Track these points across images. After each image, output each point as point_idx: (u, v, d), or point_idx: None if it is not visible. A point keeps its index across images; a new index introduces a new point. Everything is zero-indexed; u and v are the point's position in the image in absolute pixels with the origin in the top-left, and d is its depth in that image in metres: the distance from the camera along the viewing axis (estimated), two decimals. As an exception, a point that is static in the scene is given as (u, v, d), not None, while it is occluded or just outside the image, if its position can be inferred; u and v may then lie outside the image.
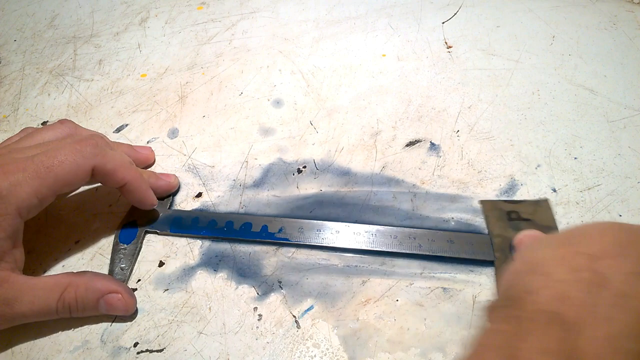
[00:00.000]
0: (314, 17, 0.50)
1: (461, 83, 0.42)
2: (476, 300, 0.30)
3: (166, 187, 0.36)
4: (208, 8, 0.52)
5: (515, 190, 0.34)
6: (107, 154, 0.30)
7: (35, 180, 0.27)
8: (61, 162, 0.28)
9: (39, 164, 0.28)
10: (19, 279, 0.28)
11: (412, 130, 0.39)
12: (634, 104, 0.39)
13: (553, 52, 0.43)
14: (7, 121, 0.44)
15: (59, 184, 0.28)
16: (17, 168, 0.28)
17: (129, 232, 0.34)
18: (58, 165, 0.28)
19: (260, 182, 0.37)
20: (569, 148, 0.36)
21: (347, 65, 0.44)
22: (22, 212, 0.28)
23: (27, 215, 0.28)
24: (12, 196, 0.27)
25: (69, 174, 0.28)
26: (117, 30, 0.51)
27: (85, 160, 0.29)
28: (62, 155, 0.28)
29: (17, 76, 0.48)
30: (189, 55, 0.47)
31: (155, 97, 0.44)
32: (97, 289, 0.29)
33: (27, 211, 0.28)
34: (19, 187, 0.27)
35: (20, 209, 0.27)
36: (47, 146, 0.30)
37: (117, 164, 0.30)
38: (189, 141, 0.40)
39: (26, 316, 0.28)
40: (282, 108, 0.42)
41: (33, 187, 0.27)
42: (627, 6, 0.47)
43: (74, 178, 0.29)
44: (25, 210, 0.28)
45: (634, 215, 0.32)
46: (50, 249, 0.34)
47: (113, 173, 0.30)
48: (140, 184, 0.32)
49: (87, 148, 0.29)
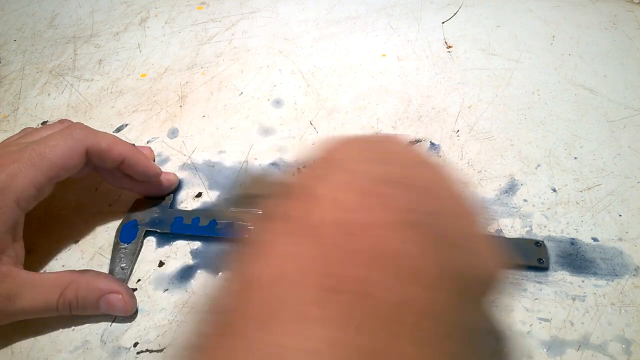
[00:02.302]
0: (314, 17, 0.50)
1: (461, 83, 0.42)
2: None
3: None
4: (208, 8, 0.52)
5: (515, 190, 0.34)
6: (98, 134, 0.30)
7: (30, 170, 0.27)
8: (53, 147, 0.28)
9: (31, 153, 0.28)
10: (21, 274, 0.28)
11: (412, 130, 0.39)
12: (634, 103, 0.39)
13: (553, 52, 0.43)
14: (7, 121, 0.44)
15: (55, 170, 0.28)
16: (11, 159, 0.28)
17: (130, 231, 0.34)
18: (50, 150, 0.28)
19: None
20: (569, 148, 0.36)
21: (347, 65, 0.44)
22: (21, 203, 0.28)
23: (27, 207, 0.28)
24: (10, 188, 0.27)
25: (63, 157, 0.29)
26: (117, 30, 0.51)
27: (77, 142, 0.29)
28: (53, 141, 0.29)
29: (17, 76, 0.48)
30: (189, 55, 0.47)
31: (155, 97, 0.44)
32: (99, 288, 0.29)
33: (26, 202, 0.28)
34: (15, 178, 0.27)
35: (19, 200, 0.27)
36: (39, 137, 0.30)
37: (110, 141, 0.31)
38: (188, 141, 0.40)
39: (27, 312, 0.28)
40: (282, 108, 0.42)
41: (29, 177, 0.27)
42: (627, 6, 0.47)
43: (68, 161, 0.29)
44: (24, 201, 0.28)
45: (634, 215, 0.32)
46: (50, 249, 0.34)
47: (108, 150, 0.30)
48: (139, 156, 0.32)
49: (76, 130, 0.29)
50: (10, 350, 0.30)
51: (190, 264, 0.33)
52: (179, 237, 0.34)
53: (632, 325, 0.28)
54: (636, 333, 0.28)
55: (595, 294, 0.29)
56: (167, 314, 0.31)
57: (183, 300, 0.31)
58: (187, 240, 0.34)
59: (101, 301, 0.29)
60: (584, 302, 0.29)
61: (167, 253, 0.33)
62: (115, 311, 0.30)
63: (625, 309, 0.29)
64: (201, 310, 0.17)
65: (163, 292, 0.32)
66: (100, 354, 0.29)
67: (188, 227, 0.34)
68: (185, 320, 0.30)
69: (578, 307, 0.29)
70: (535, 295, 0.30)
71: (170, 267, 0.33)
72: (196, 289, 0.32)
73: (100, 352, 0.29)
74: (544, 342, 0.28)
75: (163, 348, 0.29)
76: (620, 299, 0.29)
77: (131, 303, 0.30)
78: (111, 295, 0.30)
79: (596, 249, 0.31)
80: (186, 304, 0.31)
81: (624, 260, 0.30)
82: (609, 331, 0.28)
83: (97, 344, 0.30)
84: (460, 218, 0.18)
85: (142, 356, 0.29)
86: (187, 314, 0.30)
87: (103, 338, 0.30)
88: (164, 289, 0.32)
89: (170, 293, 0.32)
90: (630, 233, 0.32)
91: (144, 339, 0.30)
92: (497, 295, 0.19)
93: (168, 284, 0.32)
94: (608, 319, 0.28)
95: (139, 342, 0.30)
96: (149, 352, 0.29)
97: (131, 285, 0.32)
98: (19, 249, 0.28)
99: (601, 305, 0.29)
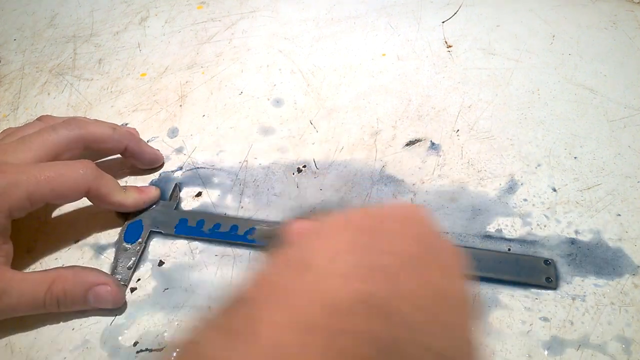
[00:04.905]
0: (313, 16, 0.49)
1: (461, 82, 0.42)
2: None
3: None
4: (208, 7, 0.52)
5: (515, 190, 0.34)
6: (103, 178, 0.32)
7: (32, 185, 0.29)
8: (60, 176, 0.30)
9: (40, 171, 0.29)
10: (8, 272, 0.28)
11: (412, 129, 0.39)
12: (634, 103, 0.39)
13: (553, 52, 0.43)
14: (6, 120, 0.44)
15: (53, 195, 0.30)
16: (17, 170, 0.29)
17: (134, 231, 0.34)
18: (57, 177, 0.29)
19: (260, 182, 0.37)
20: (569, 147, 0.36)
21: (347, 64, 0.44)
22: (13, 212, 0.29)
23: (16, 216, 0.29)
24: (7, 195, 0.28)
25: (64, 189, 0.30)
26: (117, 30, 0.51)
27: (82, 180, 0.30)
28: (62, 170, 0.30)
29: (16, 75, 0.48)
30: (189, 55, 0.47)
31: (155, 97, 0.44)
32: (86, 281, 0.30)
33: (17, 211, 0.29)
34: (14, 188, 0.28)
35: (12, 209, 0.28)
36: (22, 135, 0.32)
37: (110, 188, 0.32)
38: (188, 140, 0.40)
39: (15, 309, 0.28)
40: (282, 107, 0.42)
41: (29, 191, 0.28)
42: (627, 6, 0.47)
43: (67, 194, 0.30)
44: (16, 211, 0.29)
45: (634, 214, 0.32)
46: (50, 249, 0.34)
47: (106, 196, 0.32)
48: (139, 202, 0.34)
49: (86, 169, 0.31)
50: (10, 349, 0.30)
51: (190, 263, 0.33)
52: (180, 237, 0.34)
53: (632, 324, 0.28)
54: (636, 333, 0.28)
55: (595, 294, 0.29)
56: (167, 313, 0.31)
57: (183, 300, 0.31)
58: (188, 239, 0.34)
59: (89, 294, 0.30)
60: (584, 301, 0.29)
61: (167, 252, 0.33)
62: (104, 303, 0.30)
63: (625, 309, 0.29)
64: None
65: (163, 292, 0.32)
66: (100, 353, 0.29)
67: (192, 230, 0.34)
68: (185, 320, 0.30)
69: (578, 307, 0.29)
70: (535, 295, 0.30)
71: (171, 267, 0.33)
72: (196, 288, 0.32)
73: (100, 352, 0.29)
74: (544, 342, 0.28)
75: (163, 347, 0.29)
76: (620, 299, 0.29)
77: (119, 294, 0.31)
78: (99, 287, 0.30)
79: (596, 248, 0.31)
80: (186, 304, 0.31)
81: (623, 260, 0.31)
82: (609, 331, 0.28)
83: (96, 344, 0.30)
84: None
85: (142, 355, 0.29)
86: (187, 314, 0.30)
87: (103, 337, 0.30)
88: (164, 289, 0.32)
89: (170, 292, 0.32)
90: (630, 233, 0.32)
91: (143, 338, 0.30)
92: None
93: (168, 283, 0.32)
94: (608, 318, 0.28)
95: (138, 341, 0.30)
96: (149, 352, 0.29)
97: (131, 284, 0.32)
98: (8, 250, 0.29)
99: (601, 304, 0.29)
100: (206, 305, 0.31)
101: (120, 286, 0.31)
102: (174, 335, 0.30)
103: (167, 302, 0.31)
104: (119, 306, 0.31)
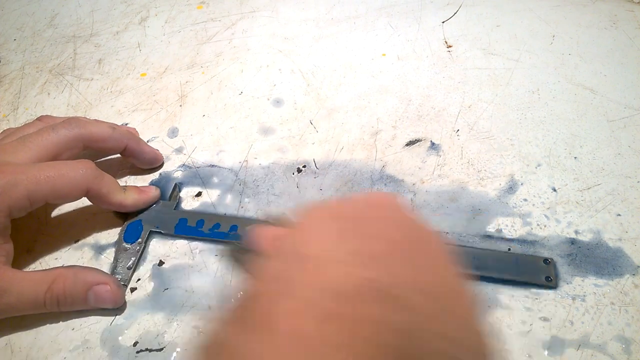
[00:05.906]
0: (313, 16, 0.49)
1: (461, 82, 0.42)
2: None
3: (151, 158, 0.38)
4: (208, 7, 0.52)
5: (516, 190, 0.34)
6: (104, 178, 0.32)
7: (32, 185, 0.29)
8: (60, 176, 0.30)
9: (40, 171, 0.29)
10: (8, 271, 0.28)
11: (412, 129, 0.39)
12: (634, 103, 0.39)
13: (553, 52, 0.43)
14: (6, 120, 0.44)
15: (53, 195, 0.30)
16: (18, 170, 0.29)
17: (134, 231, 0.34)
18: (57, 177, 0.30)
19: (260, 182, 0.37)
20: (569, 147, 0.36)
21: (347, 64, 0.44)
22: (13, 211, 0.29)
23: (16, 215, 0.29)
24: (7, 195, 0.28)
25: (64, 189, 0.30)
26: (117, 30, 0.51)
27: (83, 179, 0.31)
28: (63, 170, 0.30)
29: (16, 75, 0.48)
30: (189, 55, 0.47)
31: (155, 97, 0.44)
32: (86, 281, 0.30)
33: (17, 211, 0.29)
34: (15, 187, 0.28)
35: (12, 208, 0.28)
36: (21, 134, 0.32)
37: (110, 188, 0.32)
38: (188, 140, 0.40)
39: (15, 308, 0.28)
40: (282, 107, 0.42)
41: (29, 191, 0.29)
42: (627, 6, 0.47)
43: (67, 193, 0.30)
44: (16, 210, 0.29)
45: (634, 214, 0.32)
46: (50, 249, 0.34)
47: (106, 195, 0.32)
48: (139, 202, 0.34)
49: (88, 170, 0.31)
50: (10, 349, 0.30)
51: (190, 263, 0.33)
52: (180, 237, 0.34)
53: (632, 324, 0.28)
54: (636, 332, 0.28)
55: (595, 294, 0.29)
56: (167, 313, 0.31)
57: (183, 300, 0.31)
58: (188, 239, 0.34)
59: (89, 294, 0.30)
60: (584, 301, 0.29)
61: (167, 252, 0.33)
62: (104, 303, 0.30)
63: (625, 309, 0.29)
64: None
65: (163, 291, 0.32)
66: (100, 353, 0.29)
67: (192, 229, 0.34)
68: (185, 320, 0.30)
69: (578, 307, 0.29)
70: (535, 295, 0.30)
71: (170, 267, 0.33)
72: (196, 288, 0.32)
73: (100, 352, 0.29)
74: (544, 342, 0.28)
75: (163, 347, 0.29)
76: (620, 299, 0.29)
77: (119, 294, 0.31)
78: (99, 286, 0.30)
79: (596, 248, 0.31)
80: (186, 304, 0.31)
81: (623, 260, 0.30)
82: (609, 331, 0.28)
83: (96, 344, 0.30)
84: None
85: (141, 355, 0.29)
86: (187, 314, 0.30)
87: (103, 337, 0.30)
88: (164, 288, 0.32)
89: (170, 292, 0.32)
90: (630, 232, 0.32)
91: (143, 338, 0.30)
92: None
93: (168, 283, 0.32)
94: (608, 318, 0.28)
95: (138, 341, 0.30)
96: (149, 351, 0.29)
97: (131, 284, 0.32)
98: (8, 249, 0.29)
99: (601, 304, 0.29)
100: (206, 305, 0.31)
101: (120, 286, 0.31)
102: (174, 335, 0.30)
103: (167, 302, 0.31)
104: (119, 306, 0.31)
